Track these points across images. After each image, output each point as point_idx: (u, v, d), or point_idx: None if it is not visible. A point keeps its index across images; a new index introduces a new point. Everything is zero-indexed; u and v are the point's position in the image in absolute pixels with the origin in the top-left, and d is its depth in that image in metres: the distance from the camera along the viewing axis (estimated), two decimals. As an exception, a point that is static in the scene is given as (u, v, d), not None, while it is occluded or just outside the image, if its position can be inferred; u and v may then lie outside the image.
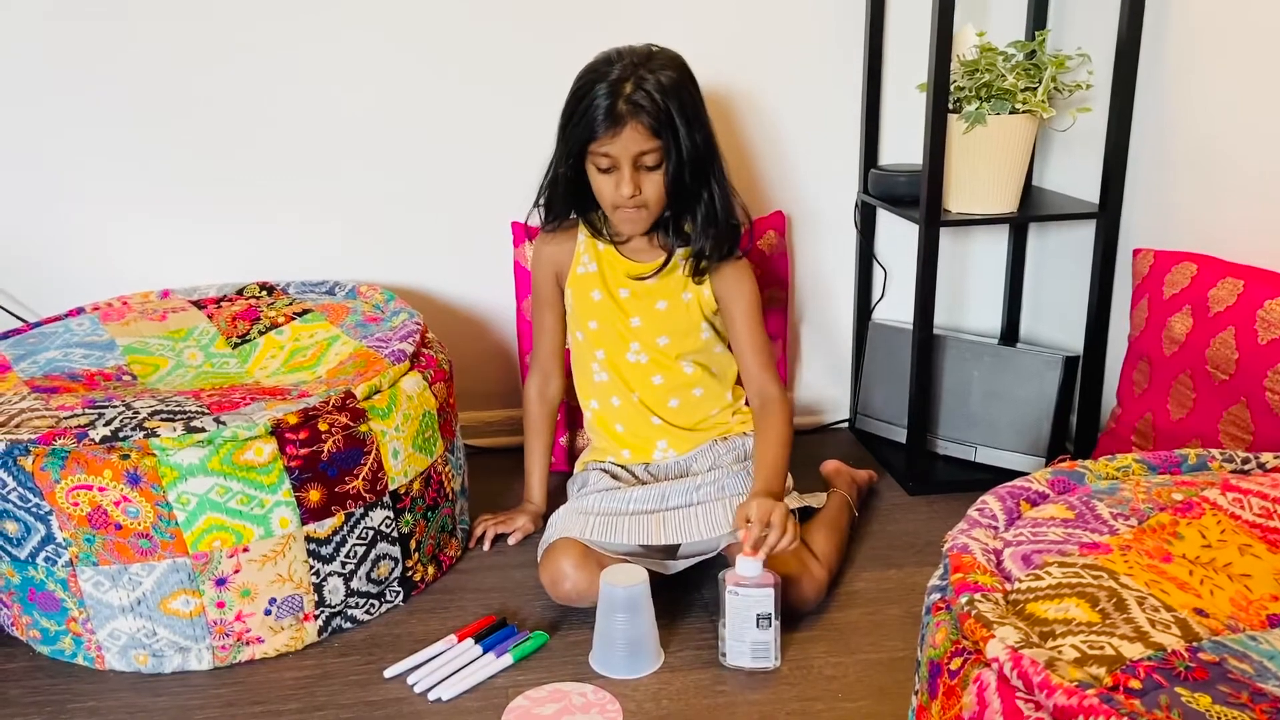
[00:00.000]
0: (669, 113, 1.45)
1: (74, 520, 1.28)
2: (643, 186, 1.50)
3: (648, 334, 1.62)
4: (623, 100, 1.44)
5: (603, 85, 1.46)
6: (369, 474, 1.41)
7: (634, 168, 1.48)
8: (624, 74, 1.46)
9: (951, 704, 0.83)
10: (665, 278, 1.60)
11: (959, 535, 0.99)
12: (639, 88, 1.45)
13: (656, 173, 1.50)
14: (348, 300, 1.79)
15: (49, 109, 1.79)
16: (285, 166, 1.88)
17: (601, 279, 1.62)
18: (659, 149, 1.47)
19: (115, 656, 1.36)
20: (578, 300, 1.64)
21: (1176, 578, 0.89)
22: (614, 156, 1.48)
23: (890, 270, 2.07)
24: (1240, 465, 1.12)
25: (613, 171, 1.49)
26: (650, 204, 1.52)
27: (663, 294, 1.61)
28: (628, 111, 1.44)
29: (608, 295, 1.62)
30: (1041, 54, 1.70)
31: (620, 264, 1.62)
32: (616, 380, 1.64)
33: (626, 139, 1.46)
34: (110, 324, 1.69)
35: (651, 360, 1.63)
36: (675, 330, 1.62)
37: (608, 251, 1.62)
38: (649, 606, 1.34)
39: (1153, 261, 1.59)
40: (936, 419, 1.93)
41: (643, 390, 1.64)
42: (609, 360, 1.64)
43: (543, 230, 1.66)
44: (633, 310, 1.62)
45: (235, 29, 1.79)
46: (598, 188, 1.53)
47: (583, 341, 1.66)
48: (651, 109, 1.44)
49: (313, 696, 1.32)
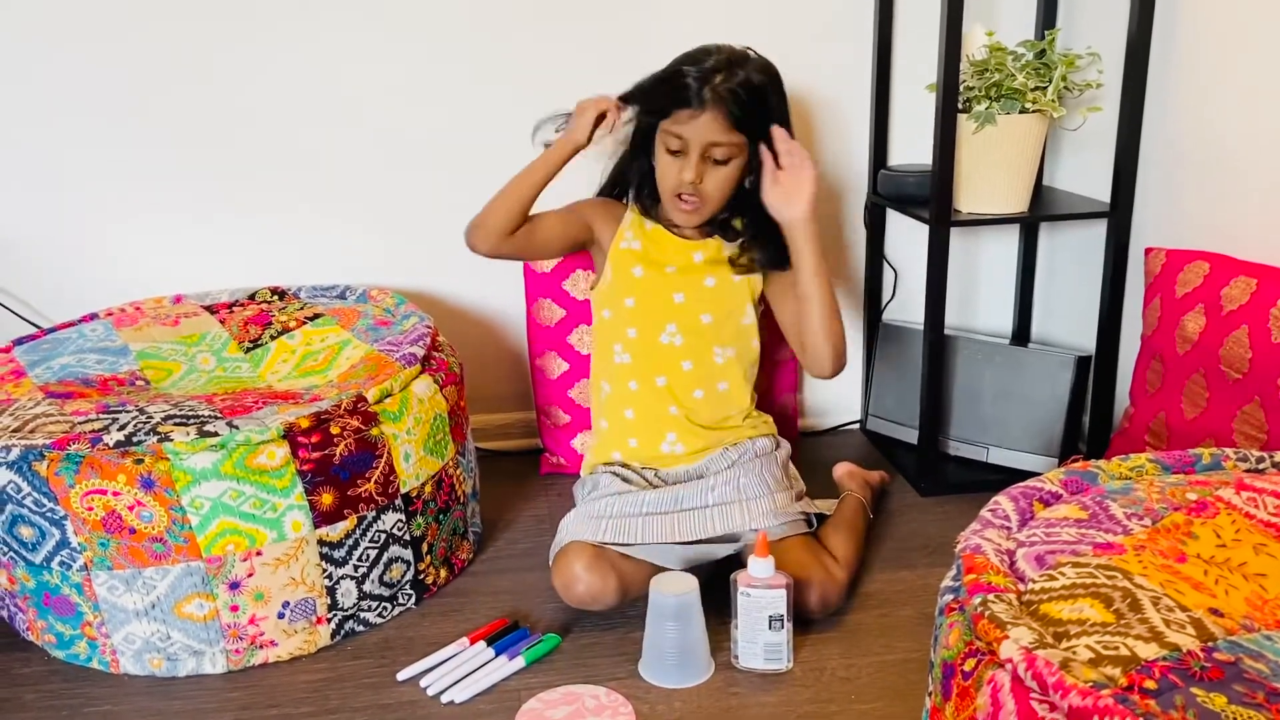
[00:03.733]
0: (753, 111, 1.45)
1: (88, 525, 1.29)
2: (705, 178, 1.49)
3: (691, 311, 1.60)
4: (710, 87, 1.45)
5: (694, 68, 1.47)
6: (381, 477, 1.42)
7: (702, 157, 1.48)
8: (719, 64, 1.46)
9: (965, 705, 0.83)
10: (714, 256, 1.60)
11: (972, 536, 0.99)
12: (730, 79, 1.45)
13: (723, 169, 1.49)
14: (359, 304, 1.79)
15: (61, 118, 1.80)
16: (297, 171, 1.88)
17: (645, 255, 1.61)
18: (733, 145, 1.47)
19: (130, 660, 1.37)
20: (617, 274, 1.62)
21: (1191, 577, 0.88)
22: (686, 139, 1.47)
23: (900, 271, 2.06)
24: (1255, 464, 1.12)
25: (680, 155, 1.49)
26: (709, 199, 1.52)
27: (712, 270, 1.61)
28: (712, 98, 1.44)
29: (652, 269, 1.60)
30: (1051, 53, 1.70)
31: (668, 240, 1.62)
32: (641, 362, 1.62)
33: (704, 124, 1.45)
34: (123, 329, 1.70)
35: (687, 343, 1.61)
36: (721, 309, 1.61)
37: (655, 230, 1.62)
38: (700, 615, 1.34)
39: (1165, 260, 1.58)
40: (948, 420, 1.92)
41: (671, 374, 1.61)
42: (639, 340, 1.62)
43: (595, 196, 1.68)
44: (678, 285, 1.60)
45: (246, 36, 1.80)
46: (661, 169, 1.53)
47: (610, 319, 1.63)
48: (736, 101, 1.45)
49: (326, 700, 1.32)
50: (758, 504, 1.51)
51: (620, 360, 1.63)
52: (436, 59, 1.86)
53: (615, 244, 1.62)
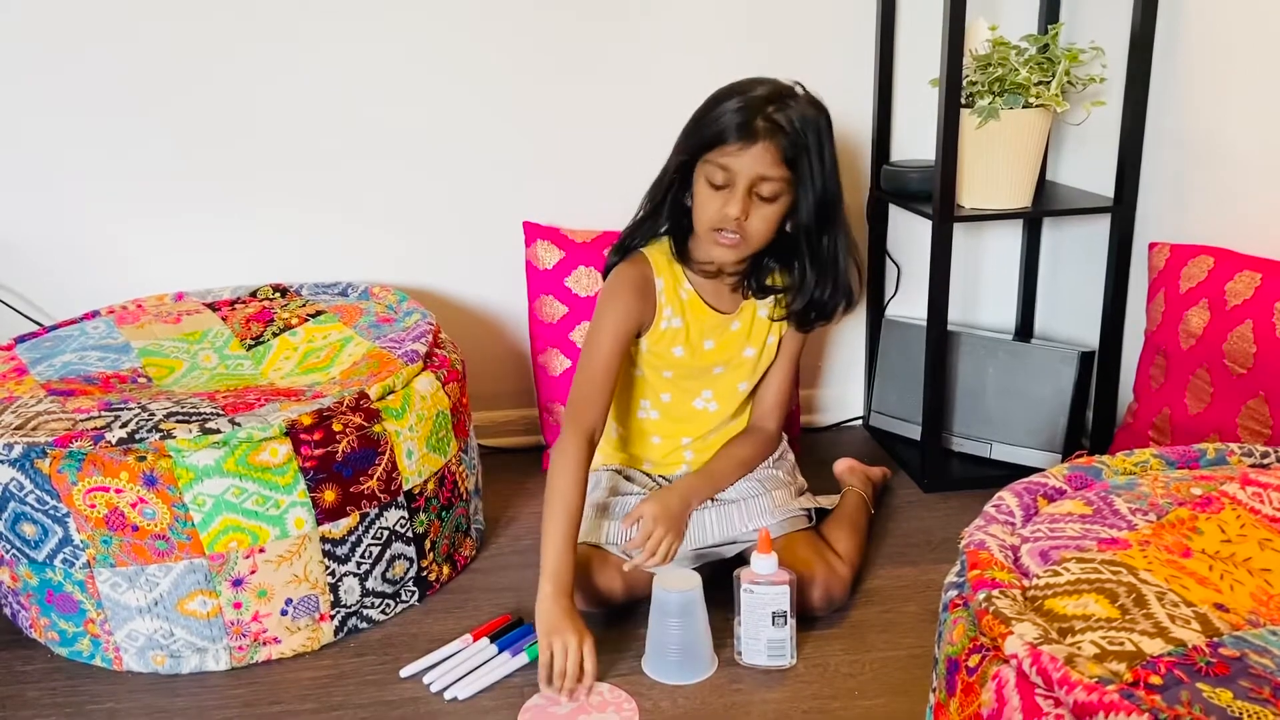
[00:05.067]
0: (806, 145, 1.37)
1: (91, 522, 1.29)
2: (751, 214, 1.39)
3: (729, 381, 1.56)
4: (762, 117, 1.35)
5: (742, 98, 1.37)
6: (383, 474, 1.41)
7: (748, 192, 1.38)
8: (770, 95, 1.37)
9: (970, 701, 0.83)
10: (750, 323, 1.55)
11: (976, 531, 0.99)
12: (783, 111, 1.36)
13: (769, 207, 1.40)
14: (361, 301, 1.79)
15: (62, 116, 1.80)
16: (298, 168, 1.88)
17: (686, 334, 1.52)
18: (782, 180, 1.38)
19: (133, 657, 1.37)
20: (655, 353, 1.53)
21: (1196, 573, 0.88)
22: (733, 172, 1.37)
23: (903, 267, 2.06)
24: (1259, 459, 1.11)
25: (724, 190, 1.39)
26: (750, 237, 1.42)
27: (750, 340, 1.55)
28: (765, 129, 1.35)
29: (691, 350, 1.53)
30: (1055, 48, 1.69)
31: (707, 315, 1.52)
32: (668, 422, 1.58)
33: (754, 156, 1.36)
34: (125, 327, 1.70)
35: (721, 409, 1.57)
36: (757, 375, 1.58)
37: (692, 302, 1.52)
38: (703, 612, 1.34)
39: (1169, 255, 1.58)
40: (951, 416, 1.92)
41: (695, 434, 1.58)
42: (673, 404, 1.57)
43: (613, 258, 1.54)
44: (718, 359, 1.55)
45: (247, 35, 1.80)
46: (700, 203, 1.42)
47: (645, 379, 1.56)
48: (791, 133, 1.36)
49: (329, 696, 1.32)
50: (758, 501, 1.51)
51: (647, 415, 1.59)
52: (438, 57, 1.85)
53: (655, 324, 1.51)
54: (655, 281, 1.51)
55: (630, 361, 1.56)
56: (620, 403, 1.59)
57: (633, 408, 1.60)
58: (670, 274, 1.51)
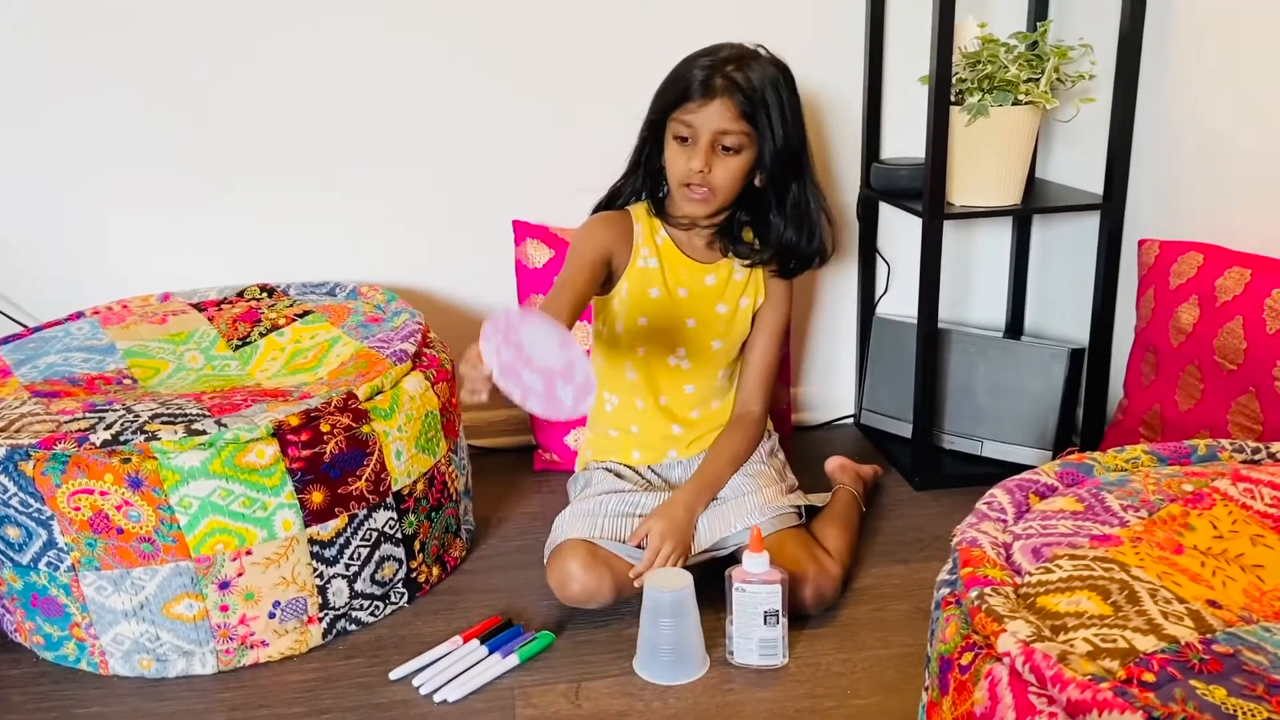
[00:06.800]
0: (764, 101, 1.44)
1: (76, 525, 1.28)
2: (714, 167, 1.47)
3: (701, 338, 1.59)
4: (720, 75, 1.44)
5: (706, 59, 1.46)
6: (372, 475, 1.40)
7: (711, 146, 1.46)
8: (730, 55, 1.45)
9: (963, 699, 0.82)
10: (725, 280, 1.59)
11: (968, 529, 0.98)
12: (741, 69, 1.44)
13: (733, 159, 1.47)
14: (349, 301, 1.78)
15: (48, 114, 1.78)
16: (285, 168, 1.87)
17: (661, 276, 1.57)
18: (743, 134, 1.45)
19: (119, 661, 1.36)
20: (633, 294, 1.57)
21: (1188, 569, 0.88)
22: (695, 127, 1.45)
23: (893, 264, 2.06)
24: (1250, 455, 1.11)
25: (689, 144, 1.47)
26: (718, 190, 1.49)
27: (722, 297, 1.59)
28: (722, 86, 1.43)
29: (666, 293, 1.57)
30: (1043, 45, 1.69)
31: (681, 262, 1.58)
32: (646, 382, 1.61)
33: (713, 112, 1.44)
34: (110, 328, 1.68)
35: (694, 367, 1.60)
36: (729, 335, 1.60)
37: (667, 247, 1.58)
38: (694, 611, 1.33)
39: (1158, 252, 1.58)
40: (942, 413, 1.91)
41: (671, 396, 1.61)
42: (647, 358, 1.60)
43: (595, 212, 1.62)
44: (691, 310, 1.58)
45: (236, 35, 1.78)
46: (670, 159, 1.50)
47: (623, 335, 1.60)
48: (747, 89, 1.43)
49: (318, 699, 1.31)
50: (749, 499, 1.51)
51: (629, 377, 1.61)
52: (429, 56, 1.84)
53: (633, 262, 1.56)
54: (634, 226, 1.58)
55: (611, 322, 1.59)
56: (609, 369, 1.62)
57: (617, 373, 1.62)
58: (648, 223, 1.59)
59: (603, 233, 1.56)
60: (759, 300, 1.60)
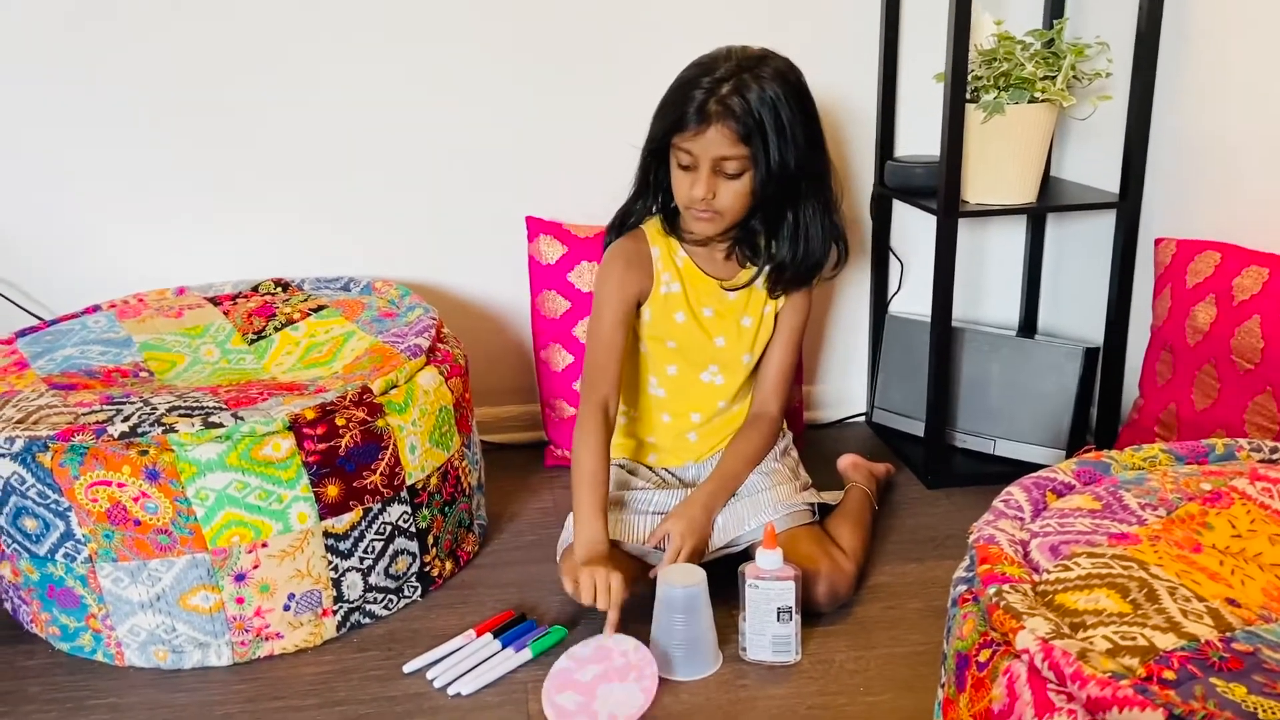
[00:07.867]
0: (760, 123, 1.39)
1: (93, 516, 1.28)
2: (718, 192, 1.44)
3: (732, 353, 1.58)
4: (715, 100, 1.38)
5: (705, 79, 1.40)
6: (386, 469, 1.41)
7: (712, 171, 1.43)
8: (727, 74, 1.39)
9: (980, 696, 0.82)
10: (747, 293, 1.57)
11: (985, 526, 0.98)
12: (737, 92, 1.38)
13: (736, 181, 1.44)
14: (363, 296, 1.79)
15: (62, 111, 1.79)
16: (299, 163, 1.87)
17: (685, 300, 1.55)
18: (743, 157, 1.41)
19: (135, 653, 1.36)
20: (658, 320, 1.56)
21: (1207, 568, 0.88)
22: (695, 155, 1.42)
23: (907, 263, 2.05)
24: (1268, 454, 1.11)
25: (692, 170, 1.44)
26: (724, 211, 1.46)
27: (746, 310, 1.57)
28: (716, 113, 1.38)
29: (692, 317, 1.55)
30: (1060, 42, 1.69)
31: (703, 281, 1.56)
32: (677, 399, 1.60)
33: (710, 140, 1.40)
34: (127, 321, 1.69)
35: (728, 382, 1.59)
36: (756, 345, 1.59)
37: (688, 268, 1.55)
38: (708, 607, 1.33)
39: (1175, 251, 1.57)
40: (955, 412, 1.91)
41: (705, 411, 1.60)
42: (679, 377, 1.59)
43: (610, 237, 1.59)
44: (717, 330, 1.57)
45: (248, 33, 1.79)
46: (675, 183, 1.48)
47: (649, 354, 1.59)
48: (743, 115, 1.38)
49: (332, 692, 1.32)
50: (763, 496, 1.51)
51: (655, 393, 1.61)
52: (440, 54, 1.84)
53: (655, 290, 1.55)
54: (651, 251, 1.56)
55: (636, 338, 1.58)
56: (629, 383, 1.60)
57: (641, 386, 1.61)
58: (665, 244, 1.56)
59: (624, 275, 1.54)
60: (780, 303, 1.59)
